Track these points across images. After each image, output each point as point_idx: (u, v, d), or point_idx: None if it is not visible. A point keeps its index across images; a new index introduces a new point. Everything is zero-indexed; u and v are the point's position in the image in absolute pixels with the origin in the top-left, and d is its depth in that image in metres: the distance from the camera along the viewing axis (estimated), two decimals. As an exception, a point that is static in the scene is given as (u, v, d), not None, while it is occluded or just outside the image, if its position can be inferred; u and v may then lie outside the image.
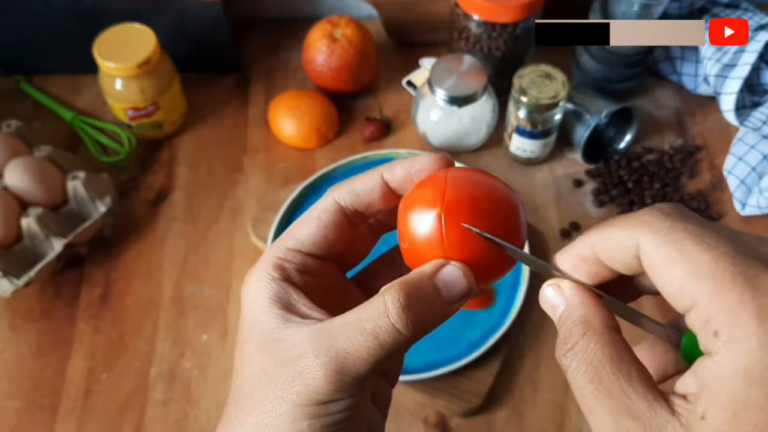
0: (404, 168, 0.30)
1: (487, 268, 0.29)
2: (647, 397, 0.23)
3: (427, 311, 0.27)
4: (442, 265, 0.28)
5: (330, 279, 0.32)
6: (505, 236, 0.28)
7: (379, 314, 0.26)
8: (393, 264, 0.34)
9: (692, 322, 0.23)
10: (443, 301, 0.28)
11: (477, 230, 0.28)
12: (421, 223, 0.28)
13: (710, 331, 0.21)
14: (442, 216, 0.28)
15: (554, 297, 0.27)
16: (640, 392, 0.23)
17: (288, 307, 0.28)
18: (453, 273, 0.28)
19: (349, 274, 0.34)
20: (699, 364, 0.22)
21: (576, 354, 0.25)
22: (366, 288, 0.34)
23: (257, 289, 0.29)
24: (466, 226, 0.28)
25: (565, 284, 0.27)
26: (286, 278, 0.29)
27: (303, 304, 0.29)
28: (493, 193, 0.29)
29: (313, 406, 0.26)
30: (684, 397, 0.23)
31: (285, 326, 0.27)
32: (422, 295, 0.27)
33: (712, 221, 0.24)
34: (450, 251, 0.28)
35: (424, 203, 0.29)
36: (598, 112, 0.74)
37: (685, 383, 0.23)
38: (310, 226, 0.30)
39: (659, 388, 0.24)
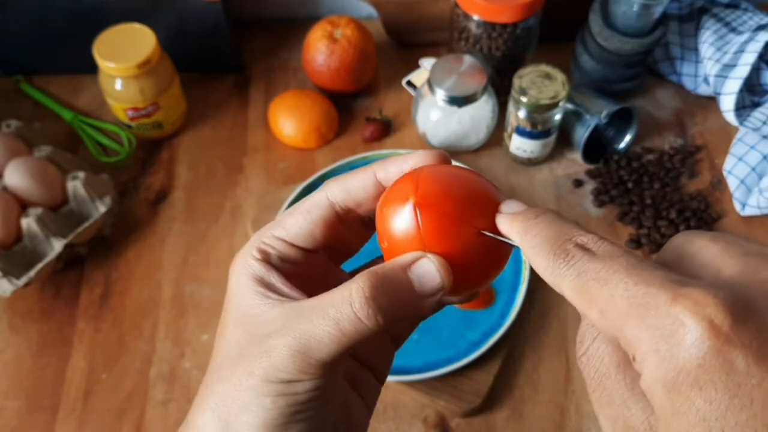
0: (398, 166, 0.30)
1: (476, 266, 0.28)
2: (645, 409, 0.22)
3: (395, 304, 0.26)
4: (418, 258, 0.27)
5: (317, 270, 0.32)
6: (488, 227, 0.28)
7: (342, 301, 0.26)
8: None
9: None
10: (415, 295, 0.27)
11: (492, 236, 0.27)
12: (396, 216, 0.28)
13: (632, 359, 0.22)
14: (416, 206, 0.27)
15: None
16: (640, 403, 0.22)
17: (268, 286, 0.29)
18: (427, 266, 0.27)
19: (349, 268, 0.34)
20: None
21: (588, 359, 0.24)
22: None
23: (240, 268, 0.29)
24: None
25: None
26: (267, 261, 0.30)
27: (282, 284, 0.29)
28: (468, 183, 0.29)
29: (278, 383, 0.26)
30: None
31: (263, 302, 0.28)
32: (392, 286, 0.26)
33: (634, 251, 0.24)
34: (429, 244, 0.27)
35: (398, 197, 0.28)
36: (598, 113, 0.74)
37: None
38: (299, 219, 0.30)
39: None
